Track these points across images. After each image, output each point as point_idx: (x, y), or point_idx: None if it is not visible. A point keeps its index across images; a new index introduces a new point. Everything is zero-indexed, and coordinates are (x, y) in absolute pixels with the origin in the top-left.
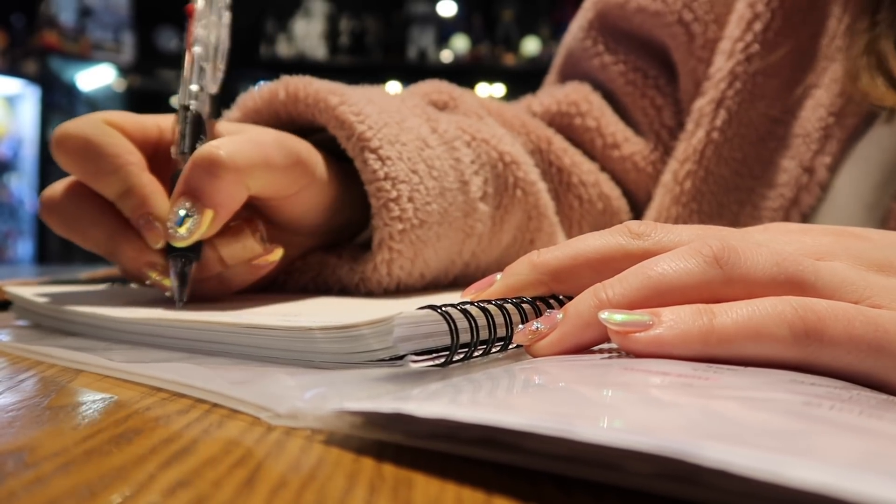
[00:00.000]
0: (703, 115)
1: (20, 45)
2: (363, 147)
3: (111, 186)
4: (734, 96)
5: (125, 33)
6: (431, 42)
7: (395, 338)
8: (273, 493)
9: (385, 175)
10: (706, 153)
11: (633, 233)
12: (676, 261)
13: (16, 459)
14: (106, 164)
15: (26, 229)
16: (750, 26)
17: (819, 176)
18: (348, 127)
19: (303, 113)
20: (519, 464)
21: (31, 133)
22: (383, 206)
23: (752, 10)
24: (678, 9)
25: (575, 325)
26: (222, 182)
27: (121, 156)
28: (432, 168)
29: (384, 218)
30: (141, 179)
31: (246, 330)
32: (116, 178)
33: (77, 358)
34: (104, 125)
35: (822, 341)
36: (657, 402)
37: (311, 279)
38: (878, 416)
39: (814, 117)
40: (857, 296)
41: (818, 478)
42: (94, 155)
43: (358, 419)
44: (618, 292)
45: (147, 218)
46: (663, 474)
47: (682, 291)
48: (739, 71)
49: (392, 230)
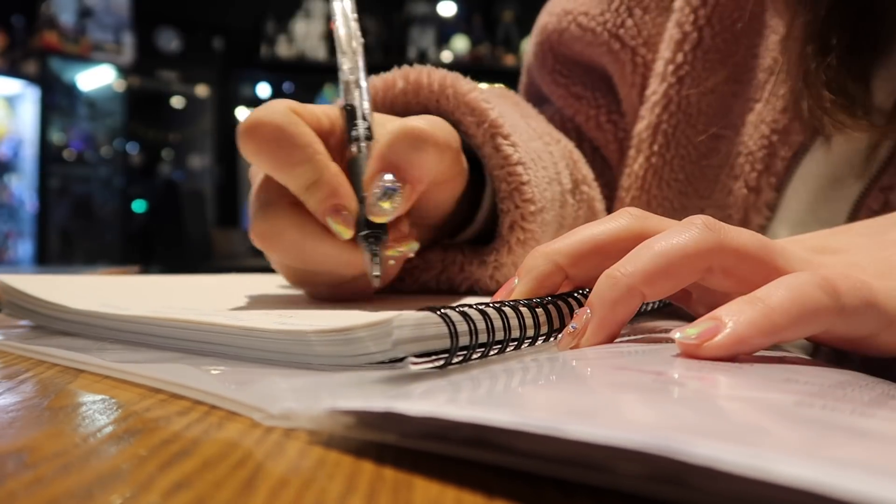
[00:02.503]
0: (641, 140)
1: (20, 46)
2: (495, 133)
3: (301, 177)
4: (669, 119)
5: (125, 34)
6: (431, 42)
7: (395, 340)
8: (273, 494)
9: (517, 160)
10: (647, 178)
11: (633, 215)
12: (676, 234)
13: (16, 460)
14: (299, 153)
15: (26, 230)
16: (680, 47)
17: (765, 196)
18: (480, 113)
19: (424, 101)
20: (514, 466)
21: (31, 133)
22: (515, 190)
23: (681, 30)
24: (606, 39)
25: (605, 310)
26: (427, 155)
27: (311, 145)
28: (541, 158)
29: (516, 200)
30: (331, 169)
31: (242, 332)
32: (308, 167)
33: (76, 358)
34: (293, 114)
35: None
36: (649, 401)
37: (433, 277)
38: (870, 415)
39: (756, 135)
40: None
41: (807, 475)
42: (287, 144)
43: (351, 419)
44: (629, 270)
45: (337, 208)
46: (655, 476)
47: (688, 259)
48: (672, 93)
49: (524, 211)
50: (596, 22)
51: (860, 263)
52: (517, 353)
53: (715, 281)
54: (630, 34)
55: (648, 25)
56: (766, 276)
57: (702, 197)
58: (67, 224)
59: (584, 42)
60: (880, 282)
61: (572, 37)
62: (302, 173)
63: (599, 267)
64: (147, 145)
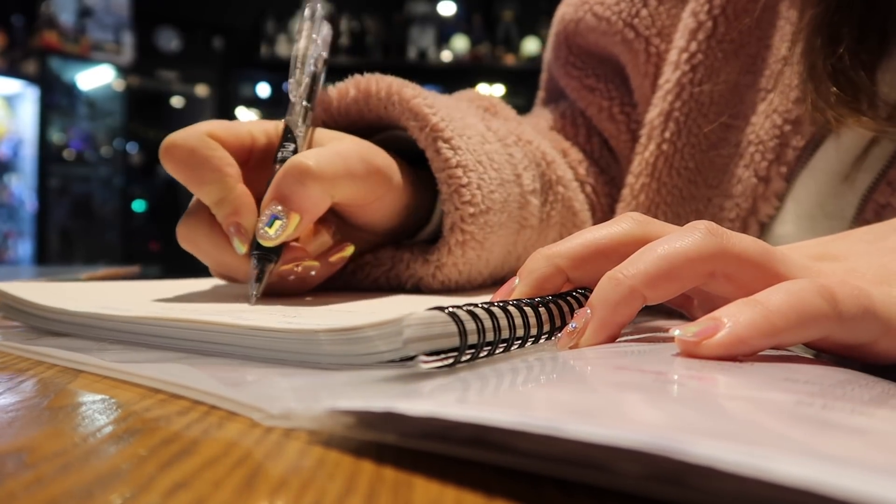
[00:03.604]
0: (653, 127)
1: (20, 46)
2: (436, 137)
3: (210, 194)
4: (682, 107)
5: (125, 34)
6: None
7: (406, 338)
8: (273, 494)
9: (457, 163)
10: (658, 165)
11: (636, 220)
12: (679, 238)
13: (15, 460)
14: (207, 174)
15: (26, 230)
16: (694, 36)
17: (775, 186)
18: (422, 118)
19: (374, 108)
20: (514, 465)
21: (30, 133)
22: (454, 192)
23: (696, 20)
24: (620, 28)
25: (605, 311)
26: (310, 190)
27: (220, 168)
28: (493, 161)
29: (455, 202)
30: (235, 191)
31: (249, 331)
32: (215, 187)
33: (76, 358)
34: (207, 137)
35: (838, 300)
36: (650, 401)
37: (383, 274)
38: (870, 414)
39: (768, 124)
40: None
41: (807, 474)
42: (197, 165)
43: (351, 419)
44: (632, 272)
45: (236, 225)
46: (655, 476)
47: (691, 263)
48: (685, 81)
49: (463, 213)
50: (611, 11)
51: (859, 269)
52: (520, 351)
53: (716, 286)
54: (644, 24)
55: (663, 16)
56: (767, 282)
57: (710, 186)
58: (67, 224)
59: (598, 31)
60: (879, 288)
61: (588, 26)
62: (210, 191)
63: (601, 270)
64: (147, 145)
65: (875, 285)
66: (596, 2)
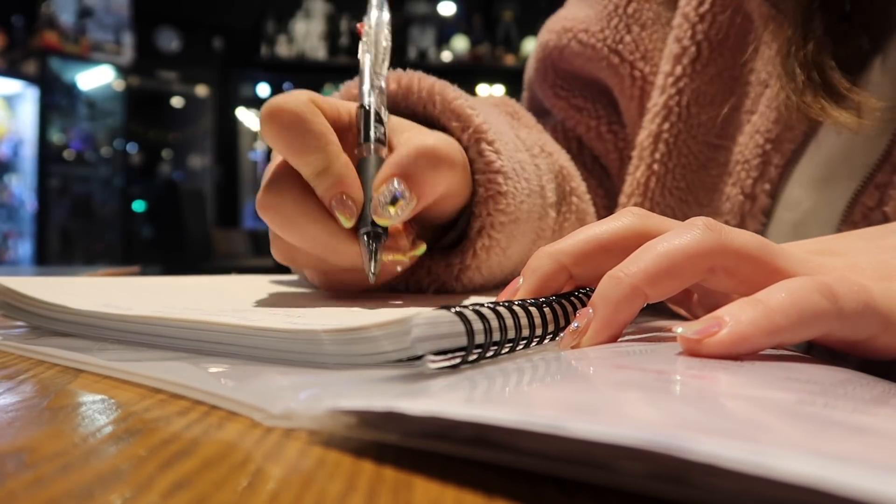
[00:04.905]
0: (643, 149)
1: (20, 46)
2: (479, 139)
3: (313, 164)
4: (670, 129)
5: (125, 34)
6: (431, 42)
7: (414, 338)
8: (273, 494)
9: (499, 168)
10: (650, 185)
11: (636, 214)
12: (678, 235)
13: (15, 460)
14: (313, 141)
15: (26, 230)
16: (678, 60)
17: (761, 202)
18: (465, 119)
19: (412, 105)
20: (515, 465)
21: (30, 133)
22: (491, 197)
23: (680, 45)
24: (605, 54)
25: (607, 310)
26: (439, 176)
27: (325, 135)
28: (524, 170)
29: (490, 208)
30: (340, 160)
31: (252, 331)
32: (320, 156)
33: (76, 358)
34: (312, 104)
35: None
36: (651, 399)
37: (402, 278)
38: (871, 413)
39: (752, 144)
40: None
41: (808, 471)
42: (303, 131)
43: (352, 419)
44: (633, 270)
45: (341, 197)
46: (657, 474)
47: (691, 260)
48: (672, 104)
49: (494, 220)
50: (596, 38)
51: (859, 265)
52: (524, 351)
53: (716, 281)
54: (628, 49)
55: (646, 41)
56: (767, 277)
57: (702, 205)
58: (67, 224)
59: (584, 58)
60: (879, 284)
61: (573, 53)
62: (314, 160)
63: (603, 266)
64: (147, 145)
65: (875, 281)
66: (580, 29)
